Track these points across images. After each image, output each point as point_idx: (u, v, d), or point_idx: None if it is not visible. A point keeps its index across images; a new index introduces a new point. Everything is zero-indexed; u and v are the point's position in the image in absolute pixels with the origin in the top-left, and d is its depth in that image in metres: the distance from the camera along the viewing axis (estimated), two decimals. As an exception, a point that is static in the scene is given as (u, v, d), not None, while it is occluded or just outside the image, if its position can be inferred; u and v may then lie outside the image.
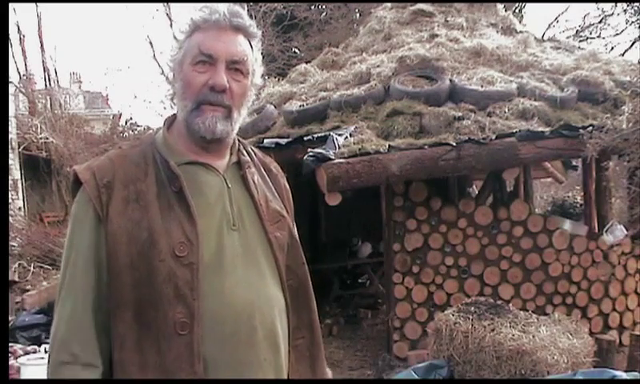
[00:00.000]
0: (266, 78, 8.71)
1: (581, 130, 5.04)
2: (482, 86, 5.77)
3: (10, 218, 8.68)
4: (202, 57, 1.34)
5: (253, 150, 1.51)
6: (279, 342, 1.36)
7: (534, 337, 3.99)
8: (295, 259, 1.44)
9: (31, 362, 4.49)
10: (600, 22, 14.42)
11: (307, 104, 6.23)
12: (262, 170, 1.50)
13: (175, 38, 1.53)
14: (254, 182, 1.43)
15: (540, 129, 5.22)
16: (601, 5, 13.89)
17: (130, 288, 1.28)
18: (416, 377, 4.09)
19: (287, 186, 1.56)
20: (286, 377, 1.38)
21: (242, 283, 1.32)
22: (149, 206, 1.31)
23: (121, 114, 17.09)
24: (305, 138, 5.56)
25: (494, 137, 5.11)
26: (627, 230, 5.79)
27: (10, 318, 6.16)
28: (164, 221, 1.30)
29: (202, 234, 1.31)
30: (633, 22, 12.35)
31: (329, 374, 1.51)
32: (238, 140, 1.47)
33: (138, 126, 15.08)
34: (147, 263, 1.27)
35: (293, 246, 1.44)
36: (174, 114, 1.45)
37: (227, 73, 1.35)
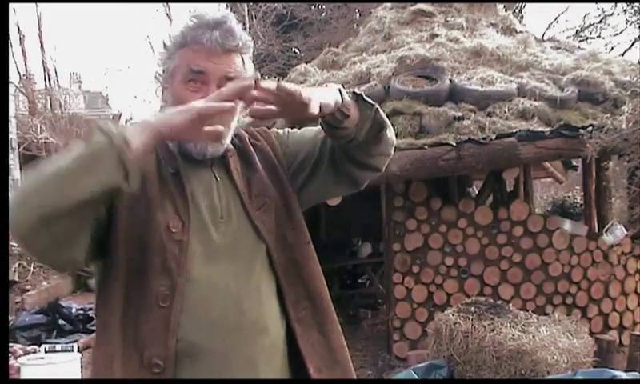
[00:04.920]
0: (266, 77, 8.70)
1: (581, 130, 5.04)
2: (481, 86, 5.77)
3: (10, 218, 8.66)
4: (193, 75, 1.34)
5: (238, 132, 1.49)
6: (269, 326, 1.36)
7: (534, 337, 3.99)
8: (282, 235, 1.43)
9: (31, 362, 4.49)
10: (600, 21, 14.42)
11: (307, 104, 6.22)
12: (250, 147, 1.48)
13: (165, 45, 1.54)
14: (237, 169, 1.43)
15: (540, 129, 5.22)
16: (601, 5, 13.89)
17: (123, 261, 1.30)
18: (416, 377, 4.09)
19: (275, 142, 1.53)
20: (278, 360, 1.38)
21: (229, 273, 1.34)
22: (148, 179, 1.33)
23: (121, 114, 17.11)
24: (305, 138, 5.55)
25: (493, 137, 5.11)
26: (627, 230, 5.79)
27: (10, 318, 6.16)
28: (160, 196, 1.33)
29: (193, 222, 1.33)
30: (633, 22, 12.33)
31: (342, 337, 1.47)
32: None
33: (138, 126, 15.05)
34: (141, 234, 1.29)
35: (278, 224, 1.42)
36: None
37: None
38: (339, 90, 1.35)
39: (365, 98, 1.38)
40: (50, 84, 14.29)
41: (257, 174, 1.46)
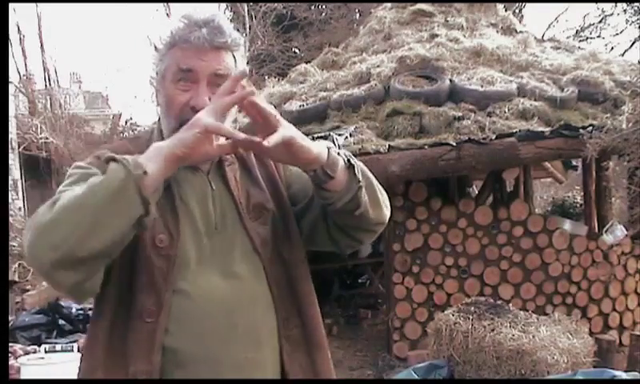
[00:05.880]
0: (266, 77, 8.71)
1: (581, 130, 5.04)
2: (481, 86, 5.77)
3: (10, 218, 8.67)
4: (182, 74, 1.32)
5: None
6: (262, 339, 1.34)
7: (534, 337, 3.99)
8: (278, 250, 1.40)
9: (31, 362, 4.49)
10: (600, 21, 14.44)
11: (307, 104, 6.23)
12: (252, 158, 1.46)
13: (156, 48, 1.54)
14: (235, 179, 1.41)
15: (540, 129, 5.22)
16: (601, 5, 13.90)
17: (115, 278, 1.29)
18: (416, 377, 4.09)
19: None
20: (270, 374, 1.36)
21: (222, 283, 1.32)
22: None
23: (121, 114, 17.07)
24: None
25: (493, 137, 5.12)
26: (627, 230, 5.79)
27: (10, 318, 6.16)
28: None
29: (184, 233, 1.31)
30: (633, 22, 12.35)
31: (329, 362, 1.47)
32: None
33: (138, 125, 15.07)
34: (130, 250, 1.28)
35: (275, 237, 1.40)
36: None
37: (210, 89, 1.32)
38: (328, 148, 1.31)
39: (356, 171, 1.31)
40: (49, 84, 14.29)
41: (256, 186, 1.44)
